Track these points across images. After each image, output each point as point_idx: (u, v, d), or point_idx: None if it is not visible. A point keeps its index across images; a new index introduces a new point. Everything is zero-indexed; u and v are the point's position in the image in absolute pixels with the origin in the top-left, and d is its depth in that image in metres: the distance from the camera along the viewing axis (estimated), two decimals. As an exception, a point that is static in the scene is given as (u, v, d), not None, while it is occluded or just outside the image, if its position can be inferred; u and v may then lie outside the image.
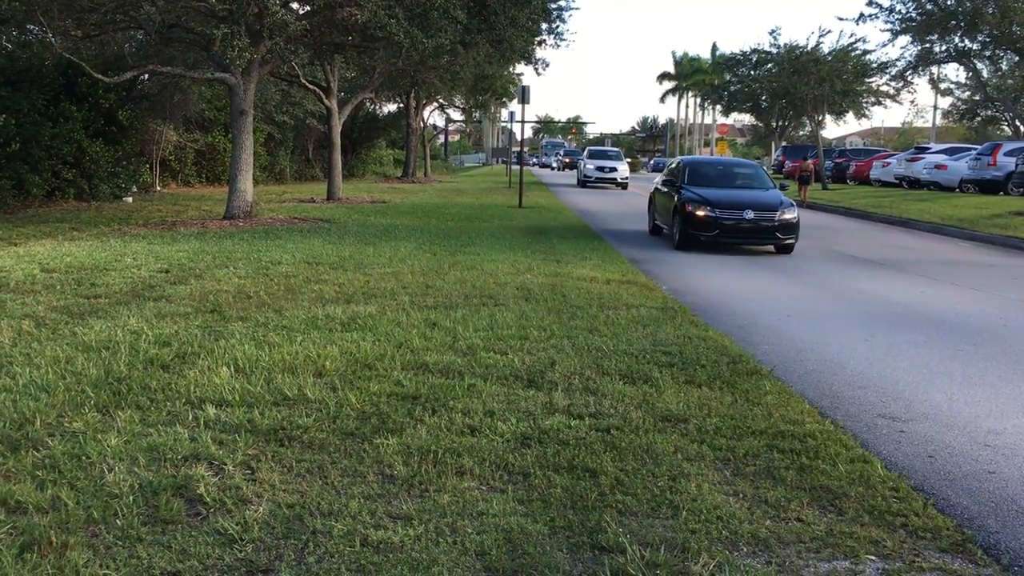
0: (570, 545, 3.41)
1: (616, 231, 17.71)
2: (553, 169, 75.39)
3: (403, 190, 31.79)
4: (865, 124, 58.65)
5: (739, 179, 15.96)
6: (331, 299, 8.23)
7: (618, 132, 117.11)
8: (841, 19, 78.78)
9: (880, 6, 25.95)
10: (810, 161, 32.38)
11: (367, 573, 3.15)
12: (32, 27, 16.89)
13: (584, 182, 38.54)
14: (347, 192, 26.66)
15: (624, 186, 37.58)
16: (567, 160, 71.05)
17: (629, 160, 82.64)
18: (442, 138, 77.93)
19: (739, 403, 5.26)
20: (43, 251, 11.39)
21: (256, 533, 3.40)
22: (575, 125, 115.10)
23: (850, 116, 47.88)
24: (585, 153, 44.57)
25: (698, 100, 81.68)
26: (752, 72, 49.17)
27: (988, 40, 24.43)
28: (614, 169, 38.20)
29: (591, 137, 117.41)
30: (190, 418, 4.65)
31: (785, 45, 42.34)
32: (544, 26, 21.29)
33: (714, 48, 74.69)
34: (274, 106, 28.47)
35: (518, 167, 28.25)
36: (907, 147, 47.40)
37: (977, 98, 32.82)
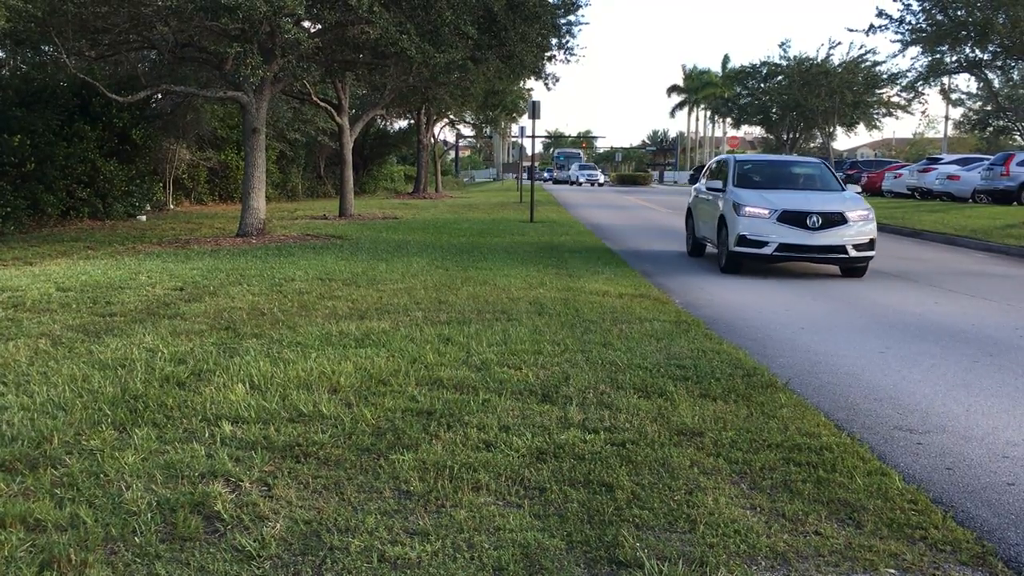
0: (587, 560, 3.40)
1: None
2: (574, 184, 65.89)
3: (415, 206, 31.89)
4: (876, 135, 58.57)
5: None
6: (345, 315, 8.25)
7: (628, 146, 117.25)
8: (851, 30, 78.85)
9: (890, 17, 25.95)
10: None
11: (385, 589, 3.15)
12: (47, 48, 17.06)
13: (736, 257, 13.06)
14: (359, 208, 26.77)
15: (859, 271, 13.12)
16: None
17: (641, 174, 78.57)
18: (453, 154, 78.16)
19: (754, 416, 5.25)
20: (58, 270, 11.47)
21: (273, 550, 3.40)
22: (585, 139, 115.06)
23: (861, 127, 47.90)
24: (728, 170, 14.47)
25: (708, 113, 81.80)
26: (762, 84, 49.30)
27: (999, 50, 24.39)
28: (838, 218, 12.71)
29: (601, 151, 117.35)
30: (206, 435, 4.67)
31: (795, 57, 42.49)
32: (554, 41, 21.38)
33: (725, 60, 74.63)
34: (286, 124, 28.64)
35: (530, 183, 27.89)
36: (919, 158, 47.30)
37: (989, 108, 32.77)
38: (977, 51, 25.09)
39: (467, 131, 59.32)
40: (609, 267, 12.93)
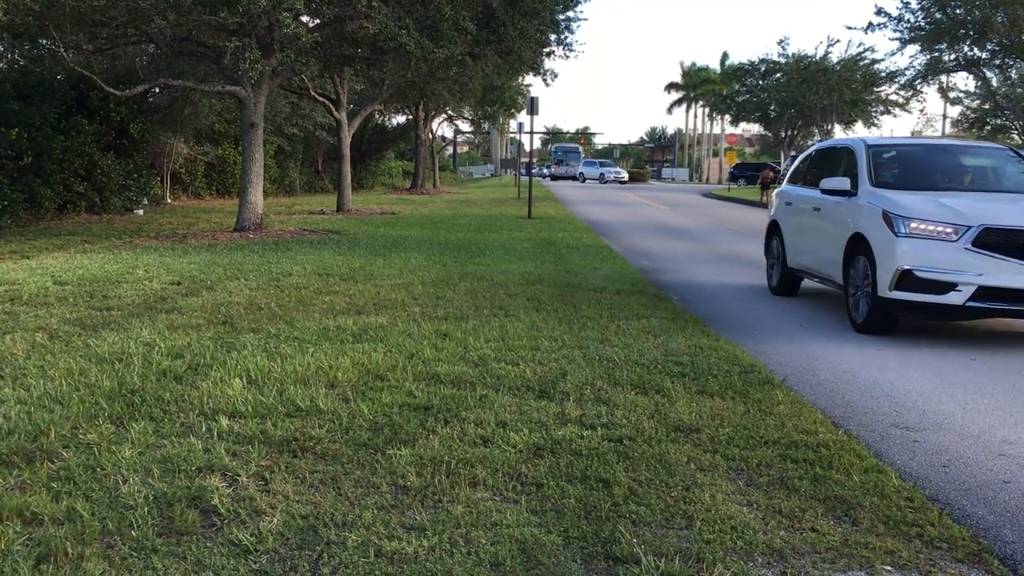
0: (584, 555, 3.41)
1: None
2: (590, 181, 61.74)
3: (412, 201, 31.87)
4: (875, 133, 58.63)
5: None
6: (342, 310, 8.25)
7: (627, 143, 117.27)
8: (850, 28, 78.87)
9: (889, 15, 25.99)
10: (770, 169, 36.63)
11: (382, 584, 3.15)
12: (44, 41, 17.01)
13: (891, 307, 7.95)
14: (357, 204, 26.75)
15: None
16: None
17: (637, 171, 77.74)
18: (451, 149, 77.99)
19: (751, 413, 5.25)
20: (55, 264, 11.45)
21: (270, 544, 3.40)
22: (583, 135, 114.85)
23: (859, 125, 47.92)
24: (858, 162, 9.28)
25: (706, 110, 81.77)
26: (761, 82, 49.31)
27: (997, 49, 24.43)
28: None
29: (599, 148, 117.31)
30: (203, 429, 4.67)
31: (794, 55, 42.52)
32: (553, 37, 21.38)
33: (724, 58, 74.55)
34: (284, 118, 28.61)
35: (528, 179, 27.82)
36: (917, 156, 47.22)
37: (987, 107, 32.81)
38: (975, 49, 25.12)
39: (465, 127, 59.34)
40: (607, 263, 12.93)
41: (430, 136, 45.49)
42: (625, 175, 65.92)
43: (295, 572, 3.20)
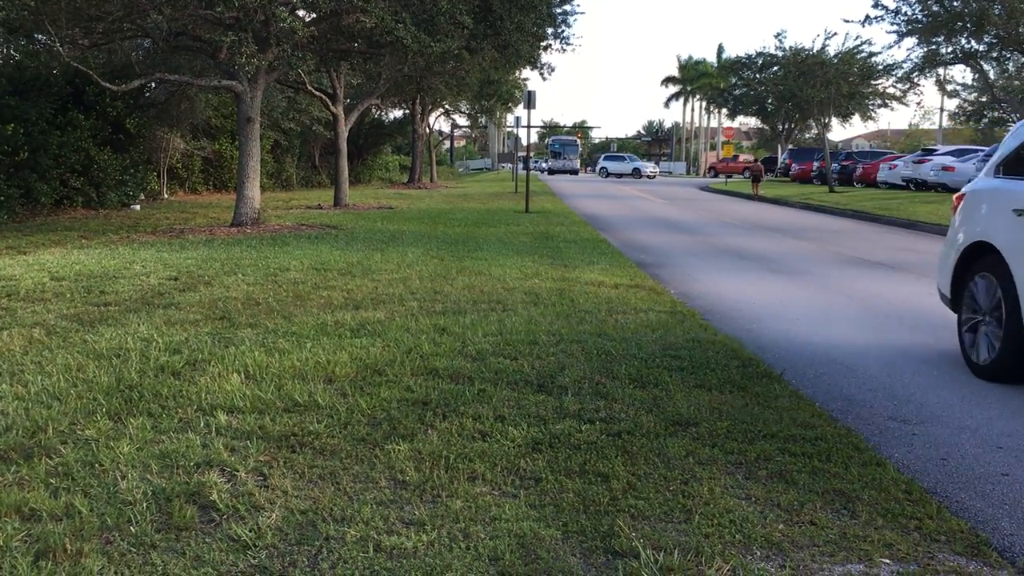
0: (583, 549, 3.41)
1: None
2: (624, 177, 58.48)
3: (410, 196, 31.83)
4: (871, 126, 58.67)
5: None
6: (340, 305, 8.24)
7: (624, 136, 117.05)
8: (847, 21, 78.95)
9: (886, 8, 25.96)
10: (759, 162, 38.44)
11: (381, 579, 3.15)
12: (40, 36, 16.97)
13: None
14: (354, 198, 26.71)
15: None
16: None
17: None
18: (448, 143, 77.72)
19: (750, 407, 5.25)
20: (52, 259, 11.43)
21: (269, 539, 3.40)
22: (581, 129, 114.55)
23: (856, 118, 47.96)
24: None
25: (703, 104, 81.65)
26: (758, 75, 49.28)
27: (995, 41, 24.42)
28: None
29: (596, 141, 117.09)
30: (202, 425, 4.66)
31: (791, 48, 42.43)
32: (550, 31, 21.36)
33: (720, 51, 74.44)
34: (280, 113, 28.56)
35: (526, 173, 27.76)
36: (914, 149, 47.29)
37: (984, 99, 32.81)
38: (973, 42, 25.11)
39: (462, 121, 59.20)
40: (604, 257, 12.92)
41: (427, 130, 45.44)
42: (657, 169, 64.16)
43: (294, 567, 3.20)
